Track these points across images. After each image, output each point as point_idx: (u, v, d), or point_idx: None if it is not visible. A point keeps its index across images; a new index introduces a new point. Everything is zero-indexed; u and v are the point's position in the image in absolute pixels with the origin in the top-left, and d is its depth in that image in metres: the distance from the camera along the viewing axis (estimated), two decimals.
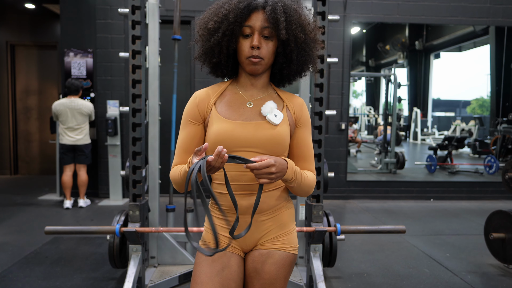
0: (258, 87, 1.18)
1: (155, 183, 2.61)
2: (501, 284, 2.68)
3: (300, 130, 1.19)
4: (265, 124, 1.12)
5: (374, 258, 3.10)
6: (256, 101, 1.16)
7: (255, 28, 1.08)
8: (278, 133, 1.12)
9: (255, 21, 1.08)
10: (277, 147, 1.12)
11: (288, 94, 1.22)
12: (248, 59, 1.10)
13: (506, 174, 3.00)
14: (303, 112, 1.20)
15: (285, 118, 1.15)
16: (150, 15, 2.48)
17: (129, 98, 2.30)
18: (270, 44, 1.10)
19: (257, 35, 1.08)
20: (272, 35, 1.10)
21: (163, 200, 3.24)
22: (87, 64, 4.86)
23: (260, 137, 1.10)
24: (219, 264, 1.13)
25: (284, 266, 1.17)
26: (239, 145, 1.10)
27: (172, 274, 2.50)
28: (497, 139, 6.93)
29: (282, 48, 1.12)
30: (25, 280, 2.59)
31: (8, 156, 6.38)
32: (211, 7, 1.15)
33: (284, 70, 1.16)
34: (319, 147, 2.29)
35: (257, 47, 1.08)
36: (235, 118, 1.13)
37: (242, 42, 1.10)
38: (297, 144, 1.19)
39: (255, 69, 1.12)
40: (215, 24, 1.09)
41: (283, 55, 1.13)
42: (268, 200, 1.15)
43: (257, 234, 1.17)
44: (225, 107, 1.15)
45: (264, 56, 1.10)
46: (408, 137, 11.03)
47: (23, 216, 4.11)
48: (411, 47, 9.88)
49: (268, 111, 1.12)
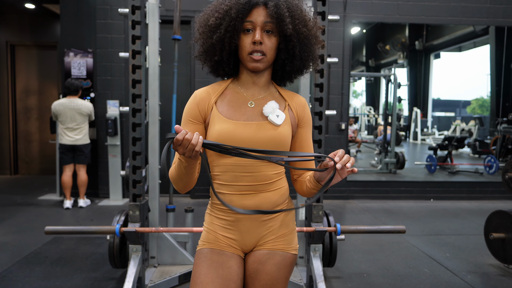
0: (259, 86, 1.17)
1: (155, 183, 2.61)
2: (501, 284, 2.68)
3: (302, 130, 1.19)
4: (267, 125, 1.11)
5: (374, 258, 3.10)
6: (257, 100, 1.15)
7: (256, 24, 1.07)
8: (280, 134, 1.11)
9: (257, 16, 1.07)
10: (278, 148, 1.11)
11: (290, 93, 1.21)
12: (250, 56, 1.09)
13: (506, 174, 3.00)
14: (306, 112, 1.19)
15: (287, 119, 1.14)
16: (150, 15, 2.48)
17: (129, 98, 2.30)
18: (272, 40, 1.09)
19: (259, 30, 1.07)
20: (274, 31, 1.09)
21: (163, 200, 3.24)
22: (87, 64, 4.86)
23: (262, 137, 1.09)
24: (219, 264, 1.12)
25: (285, 266, 1.16)
26: (241, 146, 1.09)
27: (172, 274, 2.50)
28: (497, 139, 6.93)
29: (284, 44, 1.11)
30: (25, 280, 2.59)
31: (8, 156, 6.38)
32: (211, 4, 1.14)
33: (286, 66, 1.15)
34: (319, 147, 2.29)
35: (259, 42, 1.07)
36: (237, 118, 1.11)
37: (244, 38, 1.09)
38: (299, 144, 1.19)
39: (256, 66, 1.10)
40: (217, 20, 1.08)
41: (285, 51, 1.12)
42: (268, 201, 1.14)
43: (258, 234, 1.16)
44: (226, 107, 1.13)
45: (267, 52, 1.09)
46: (408, 137, 11.03)
47: (23, 216, 4.12)
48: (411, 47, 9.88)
49: (270, 111, 1.11)
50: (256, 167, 1.11)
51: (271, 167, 1.13)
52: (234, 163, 1.10)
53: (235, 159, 1.09)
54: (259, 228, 1.15)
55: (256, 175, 1.11)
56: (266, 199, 1.14)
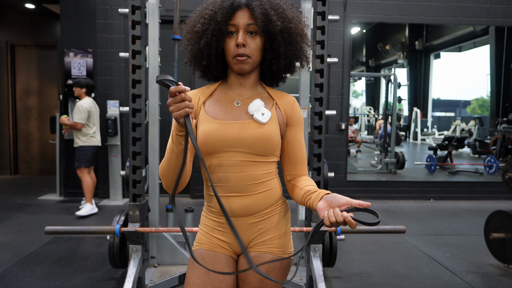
0: (247, 87, 1.16)
1: (155, 183, 2.61)
2: (501, 284, 2.67)
3: (291, 130, 1.16)
4: (252, 123, 1.09)
5: (374, 258, 3.10)
6: (244, 100, 1.14)
7: (239, 26, 1.07)
8: (266, 132, 1.09)
9: (239, 19, 1.07)
10: (265, 147, 1.09)
11: (279, 93, 1.19)
12: (235, 58, 1.08)
13: (506, 174, 3.00)
14: (295, 110, 1.17)
15: (274, 117, 1.12)
16: (150, 15, 2.48)
17: (129, 98, 2.30)
18: (256, 40, 1.09)
19: (241, 33, 1.07)
20: (258, 31, 1.08)
21: (163, 200, 3.24)
22: (87, 64, 4.86)
23: (247, 136, 1.08)
24: (211, 266, 1.11)
25: (274, 270, 1.13)
26: (226, 145, 1.08)
27: (172, 274, 2.50)
28: (497, 139, 6.93)
29: (269, 43, 1.10)
30: (25, 280, 2.59)
31: (8, 156, 6.38)
32: (196, 10, 1.14)
33: (273, 66, 1.14)
34: (319, 147, 2.29)
35: (242, 44, 1.07)
36: (222, 117, 1.10)
37: (228, 41, 1.09)
38: (289, 144, 1.16)
39: (242, 68, 1.10)
40: (203, 26, 1.08)
41: (270, 51, 1.11)
42: (258, 202, 1.12)
43: (248, 236, 1.14)
44: (213, 107, 1.13)
45: (251, 54, 1.08)
46: (408, 137, 11.03)
47: (23, 216, 4.11)
48: (411, 47, 9.88)
49: (254, 110, 1.10)
50: (242, 166, 1.09)
51: (260, 167, 1.11)
52: (219, 164, 1.09)
53: (220, 159, 1.08)
54: (249, 230, 1.13)
55: (244, 174, 1.09)
56: (256, 200, 1.11)
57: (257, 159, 1.10)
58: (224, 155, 1.08)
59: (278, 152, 1.15)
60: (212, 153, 1.09)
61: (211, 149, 1.08)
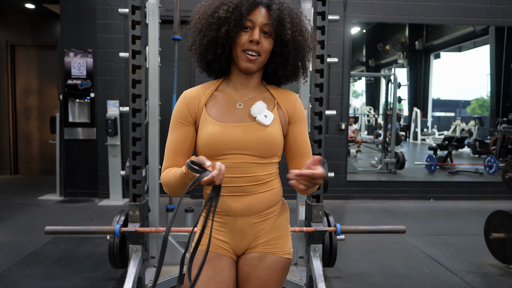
0: (249, 87, 1.16)
1: (155, 183, 2.61)
2: (501, 284, 2.68)
3: (295, 127, 1.16)
4: (255, 126, 1.09)
5: (374, 258, 3.10)
6: (246, 101, 1.14)
7: (256, 23, 1.07)
8: (269, 134, 1.09)
9: (258, 16, 1.07)
10: (268, 149, 1.10)
11: (281, 91, 1.19)
12: (245, 53, 1.08)
13: (506, 174, 3.00)
14: (297, 107, 1.17)
15: (276, 118, 1.12)
16: (150, 15, 2.48)
17: (129, 98, 2.30)
18: (269, 41, 1.09)
19: (257, 30, 1.07)
20: (272, 33, 1.09)
21: (163, 200, 3.24)
22: (87, 64, 4.86)
23: (250, 139, 1.08)
24: (211, 267, 1.11)
25: (276, 270, 1.14)
26: (230, 148, 1.08)
27: (172, 274, 2.50)
28: (497, 139, 6.93)
29: (280, 48, 1.11)
30: (25, 280, 2.59)
31: (8, 156, 6.38)
32: None
33: (279, 70, 1.15)
34: (319, 147, 2.29)
35: (257, 41, 1.06)
36: (225, 120, 1.10)
37: (242, 34, 1.08)
38: (293, 141, 1.17)
39: (250, 68, 1.09)
40: (227, 13, 1.06)
41: (280, 55, 1.12)
42: (260, 202, 1.12)
43: (249, 236, 1.14)
44: (215, 109, 1.12)
45: (262, 53, 1.09)
46: (408, 137, 11.04)
47: (23, 216, 4.11)
48: (411, 47, 9.89)
49: (257, 112, 1.10)
50: (247, 168, 1.10)
51: (262, 168, 1.12)
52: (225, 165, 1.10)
53: (225, 161, 1.08)
54: (250, 230, 1.14)
55: (248, 176, 1.10)
56: (258, 200, 1.12)
57: (260, 160, 1.11)
58: (227, 158, 1.09)
59: (280, 153, 1.16)
60: (216, 155, 1.09)
61: (214, 151, 1.09)
